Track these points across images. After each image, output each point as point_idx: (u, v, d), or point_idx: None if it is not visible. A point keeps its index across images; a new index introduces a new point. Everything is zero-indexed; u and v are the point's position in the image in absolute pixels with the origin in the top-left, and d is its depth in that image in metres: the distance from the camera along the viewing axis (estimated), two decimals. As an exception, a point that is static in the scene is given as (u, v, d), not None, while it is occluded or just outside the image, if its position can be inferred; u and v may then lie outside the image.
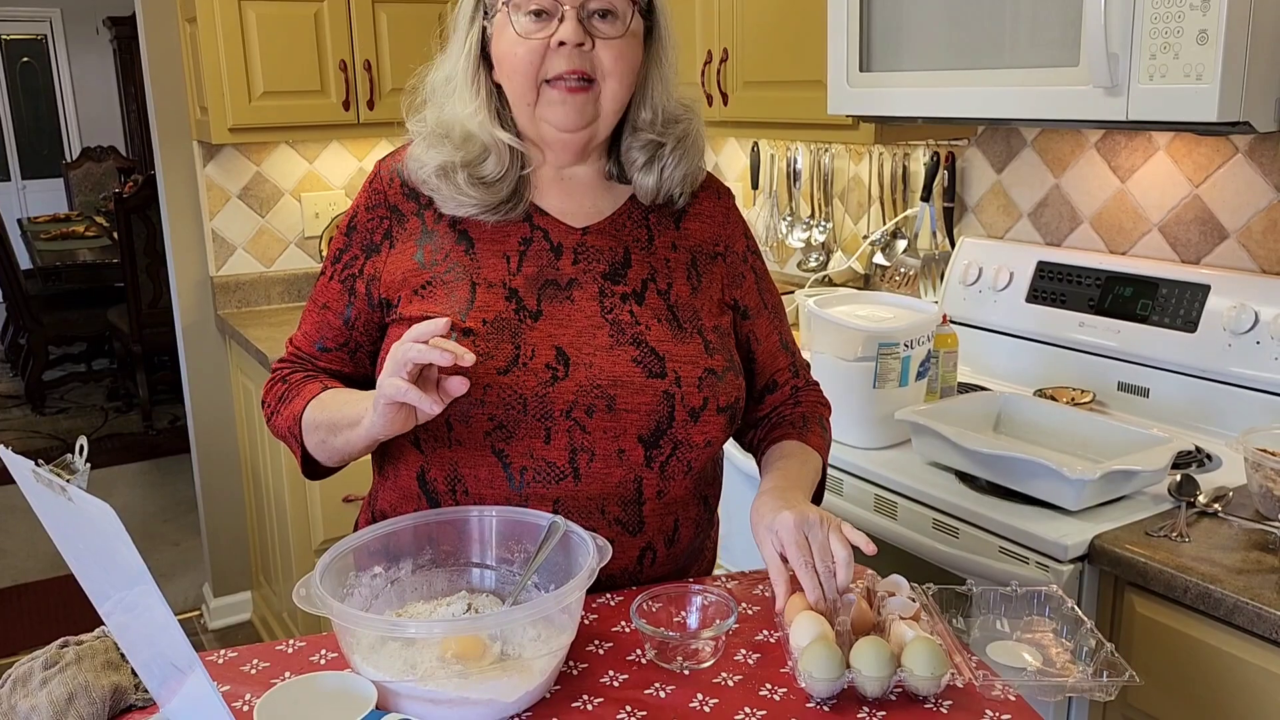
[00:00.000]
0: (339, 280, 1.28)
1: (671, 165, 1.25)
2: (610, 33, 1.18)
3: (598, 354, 1.19)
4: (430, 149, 1.22)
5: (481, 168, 1.21)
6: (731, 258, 1.32)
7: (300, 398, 1.25)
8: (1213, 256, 1.91)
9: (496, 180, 1.21)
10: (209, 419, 3.22)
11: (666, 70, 1.25)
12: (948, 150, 2.33)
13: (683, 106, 1.28)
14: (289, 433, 1.25)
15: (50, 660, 1.05)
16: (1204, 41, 1.43)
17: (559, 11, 1.16)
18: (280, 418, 1.27)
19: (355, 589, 1.09)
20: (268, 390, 1.32)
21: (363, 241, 1.26)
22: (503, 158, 1.21)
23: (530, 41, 1.16)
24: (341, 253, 1.28)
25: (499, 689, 0.97)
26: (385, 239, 1.25)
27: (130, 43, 7.26)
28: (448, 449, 1.19)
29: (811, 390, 1.42)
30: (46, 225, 6.76)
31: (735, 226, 1.34)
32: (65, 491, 0.82)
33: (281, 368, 1.33)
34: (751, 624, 1.15)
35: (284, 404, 1.27)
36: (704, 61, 2.45)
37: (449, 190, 1.21)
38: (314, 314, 1.31)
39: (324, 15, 2.77)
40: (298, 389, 1.26)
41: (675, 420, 1.20)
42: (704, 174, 1.32)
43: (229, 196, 3.08)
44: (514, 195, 1.23)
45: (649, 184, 1.25)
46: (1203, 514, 1.51)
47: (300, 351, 1.32)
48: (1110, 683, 1.01)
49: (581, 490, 1.18)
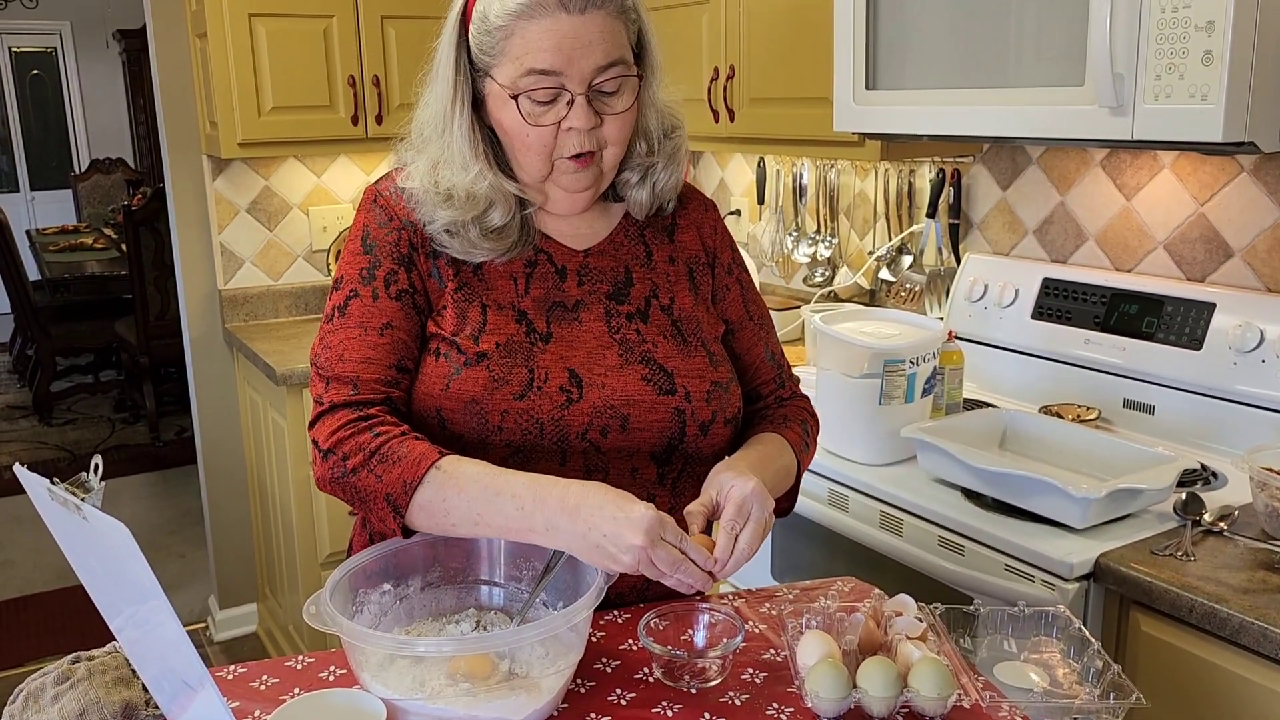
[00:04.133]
0: (391, 298, 1.19)
1: (664, 178, 1.26)
2: (618, 107, 1.16)
3: (609, 374, 1.19)
4: (438, 209, 1.19)
5: (489, 219, 1.19)
6: (719, 270, 1.33)
7: (409, 462, 1.09)
8: (1218, 275, 1.91)
9: (504, 225, 1.20)
10: (216, 431, 3.23)
11: (658, 99, 1.24)
12: (953, 167, 2.34)
13: (672, 121, 1.27)
14: (385, 500, 1.10)
15: (62, 676, 1.06)
16: (1209, 62, 1.44)
17: (568, 96, 1.13)
18: (373, 479, 1.10)
19: (364, 606, 1.10)
20: (342, 439, 1.12)
21: (392, 254, 1.20)
22: (510, 205, 1.20)
23: (541, 129, 1.15)
24: (372, 269, 1.20)
25: (507, 707, 0.97)
26: (412, 250, 1.21)
27: (140, 56, 7.31)
28: None
29: (798, 400, 1.39)
30: (55, 237, 6.78)
31: (723, 239, 1.35)
32: (80, 510, 0.83)
33: (362, 411, 1.14)
34: (758, 643, 1.15)
35: (381, 464, 1.10)
36: (710, 78, 2.47)
37: (461, 245, 1.20)
38: (371, 337, 1.17)
39: (333, 31, 2.79)
40: (402, 449, 1.10)
41: (686, 435, 1.21)
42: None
43: (237, 210, 3.09)
44: (521, 234, 1.22)
45: (643, 198, 1.26)
46: (1208, 533, 1.51)
47: (370, 381, 1.16)
48: (1117, 704, 1.01)
49: None
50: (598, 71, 1.13)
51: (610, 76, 1.14)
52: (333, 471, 1.13)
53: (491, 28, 1.14)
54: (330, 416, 1.14)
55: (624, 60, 1.15)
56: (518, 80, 1.13)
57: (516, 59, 1.13)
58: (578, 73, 1.12)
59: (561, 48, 1.11)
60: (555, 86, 1.13)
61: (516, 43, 1.12)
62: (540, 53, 1.11)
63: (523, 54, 1.12)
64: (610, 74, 1.14)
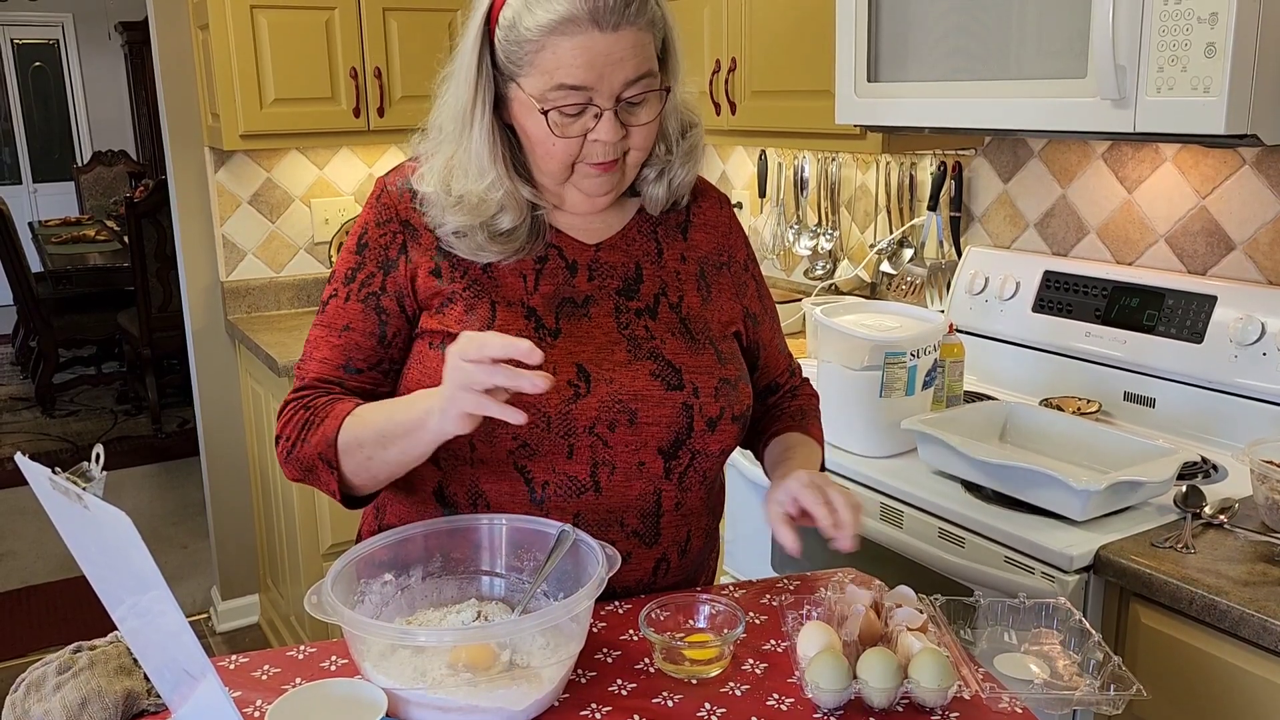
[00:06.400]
0: (359, 300, 1.23)
1: (681, 174, 1.26)
2: (644, 118, 1.16)
3: (617, 369, 1.20)
4: (447, 212, 1.19)
5: (498, 224, 1.19)
6: (735, 267, 1.34)
7: (331, 418, 1.17)
8: (1220, 268, 1.91)
9: (513, 229, 1.20)
10: (218, 423, 3.24)
11: (679, 102, 1.24)
12: (955, 160, 2.34)
13: (690, 119, 1.27)
14: (319, 459, 1.17)
15: (64, 665, 1.06)
16: (1212, 54, 1.43)
17: (595, 110, 1.13)
18: (307, 445, 1.18)
19: (366, 596, 1.10)
20: (285, 422, 1.21)
21: (378, 259, 1.23)
22: (521, 210, 1.20)
23: (568, 140, 1.14)
24: (355, 271, 1.23)
25: (508, 697, 0.98)
26: (401, 253, 1.22)
27: (141, 48, 7.31)
28: (469, 466, 1.20)
29: (804, 385, 1.46)
30: (57, 229, 6.79)
31: (737, 236, 1.36)
32: (81, 499, 0.83)
33: (300, 396, 1.23)
34: (759, 633, 1.16)
35: (310, 430, 1.18)
36: (712, 71, 2.46)
37: (469, 248, 1.20)
38: (332, 338, 1.23)
39: (335, 23, 2.79)
40: (325, 411, 1.18)
41: (694, 431, 1.21)
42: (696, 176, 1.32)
43: (239, 202, 3.09)
44: (531, 235, 1.22)
45: (660, 194, 1.26)
46: (1208, 525, 1.51)
47: (322, 379, 1.23)
48: (1117, 696, 1.01)
49: (601, 503, 1.19)
50: (626, 85, 1.13)
51: (639, 90, 1.14)
52: (284, 454, 1.21)
53: (521, 39, 1.12)
54: (285, 409, 1.23)
55: (652, 72, 1.15)
56: (546, 93, 1.12)
57: (547, 73, 1.11)
58: (608, 88, 1.12)
59: (594, 65, 1.10)
60: (584, 101, 1.12)
61: (548, 57, 1.11)
62: (572, 69, 1.10)
63: (554, 69, 1.11)
64: (638, 87, 1.13)
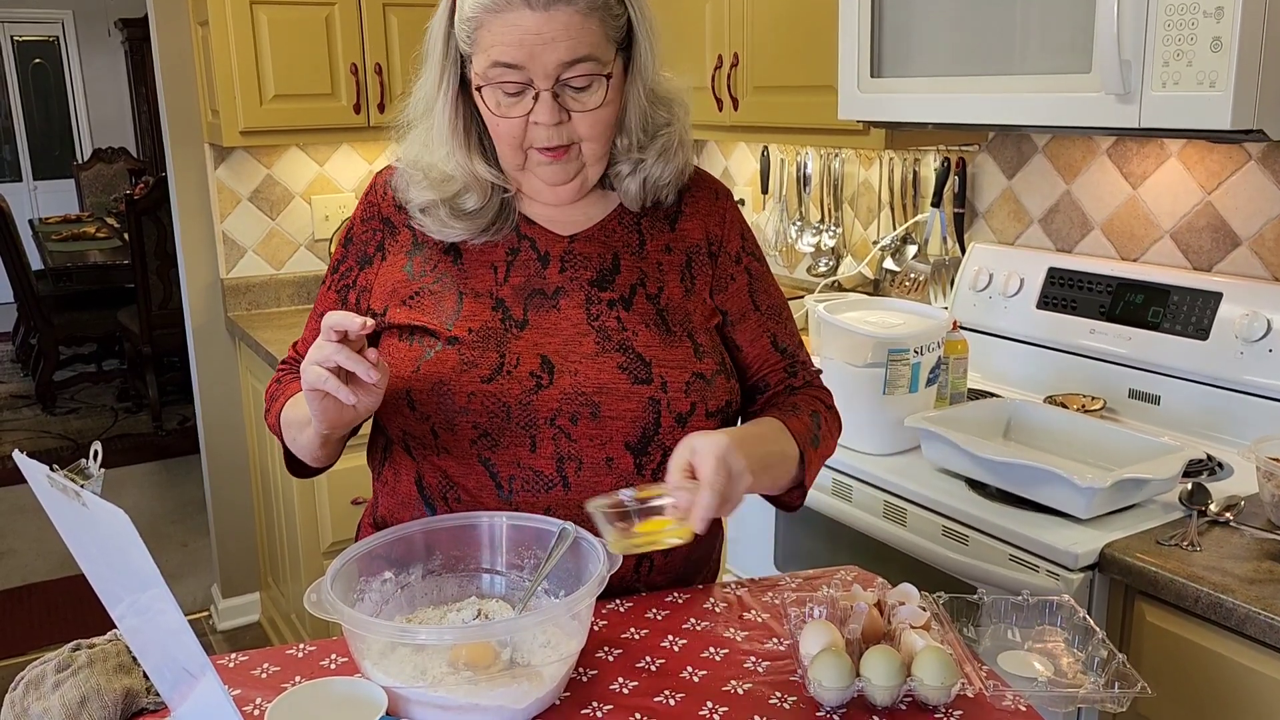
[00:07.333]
0: (335, 291, 1.30)
1: (657, 172, 1.24)
2: (588, 104, 1.15)
3: (583, 361, 1.19)
4: (412, 186, 1.23)
5: (462, 202, 1.22)
6: (724, 259, 1.29)
7: (283, 396, 1.30)
8: (1225, 264, 1.90)
9: (478, 209, 1.22)
10: (218, 420, 3.23)
11: (644, 92, 1.22)
12: (958, 156, 2.33)
13: (664, 116, 1.24)
14: (274, 430, 1.32)
15: (63, 663, 1.05)
16: (1218, 49, 1.43)
17: (534, 91, 1.13)
18: (270, 416, 1.33)
19: (365, 594, 1.09)
20: (267, 390, 1.38)
21: (358, 254, 1.29)
22: (485, 191, 1.22)
23: (510, 120, 1.16)
24: (339, 264, 1.31)
25: (509, 695, 0.97)
26: (378, 251, 1.27)
27: (142, 45, 7.30)
28: (437, 456, 1.21)
29: (813, 389, 1.35)
30: (57, 226, 6.79)
31: (732, 227, 1.31)
32: (79, 497, 0.82)
33: (279, 371, 1.38)
34: (761, 631, 1.15)
35: (274, 402, 1.33)
36: (714, 66, 2.45)
37: (434, 224, 1.23)
38: (312, 322, 1.34)
39: (335, 19, 2.78)
40: (285, 388, 1.32)
41: (662, 426, 1.19)
42: (691, 169, 1.30)
43: (240, 199, 3.09)
44: (499, 217, 1.24)
45: (633, 190, 1.25)
46: (1214, 523, 1.50)
47: (299, 356, 1.35)
48: (1122, 694, 1.01)
49: (572, 499, 1.18)
50: (563, 67, 1.12)
51: (578, 74, 1.13)
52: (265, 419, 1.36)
53: (465, 18, 1.15)
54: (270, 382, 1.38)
55: (593, 58, 1.13)
56: (486, 71, 1.14)
57: (485, 51, 1.14)
58: (541, 68, 1.12)
59: (524, 43, 1.11)
60: (521, 81, 1.13)
61: (484, 34, 1.13)
62: (503, 47, 1.12)
63: (490, 46, 1.13)
64: (578, 70, 1.13)
